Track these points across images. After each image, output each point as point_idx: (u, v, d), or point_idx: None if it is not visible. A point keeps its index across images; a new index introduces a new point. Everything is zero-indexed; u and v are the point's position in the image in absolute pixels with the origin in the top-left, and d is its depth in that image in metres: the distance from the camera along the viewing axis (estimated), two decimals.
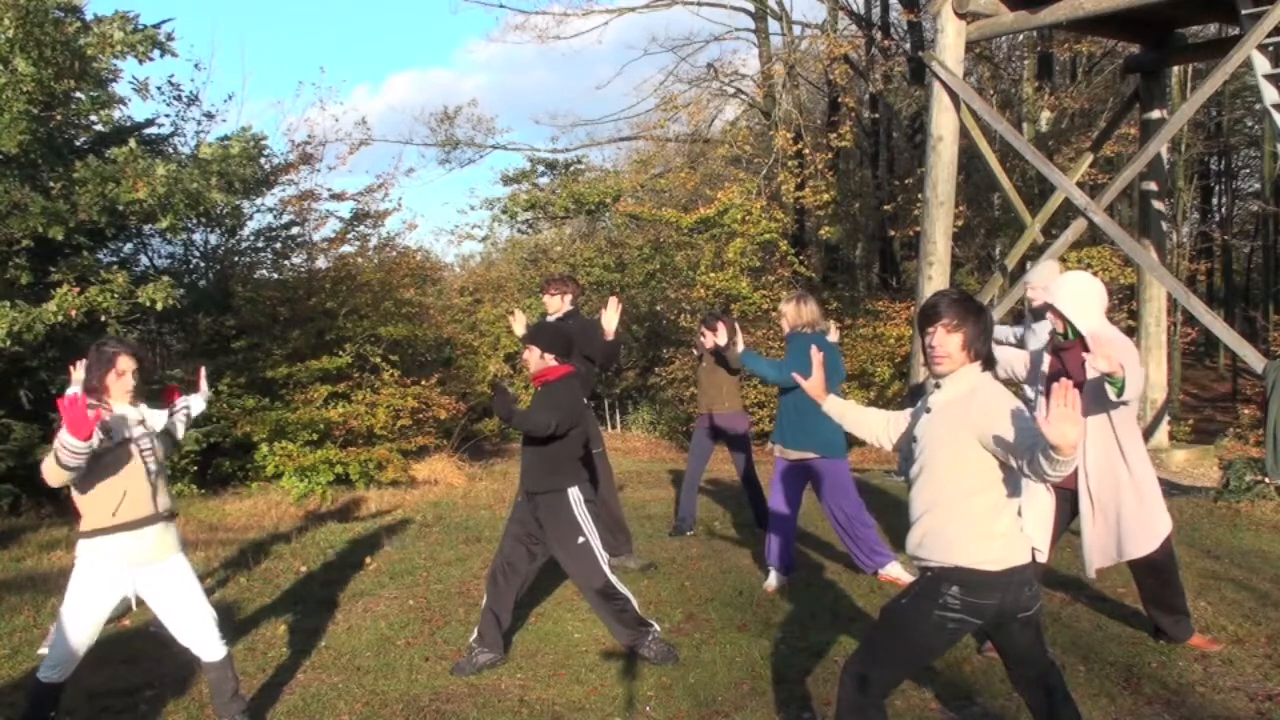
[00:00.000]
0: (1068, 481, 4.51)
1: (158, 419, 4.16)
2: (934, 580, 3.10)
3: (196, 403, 4.55)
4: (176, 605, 3.95)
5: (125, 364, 3.89)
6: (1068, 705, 3.18)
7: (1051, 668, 3.19)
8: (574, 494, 4.78)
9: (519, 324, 6.43)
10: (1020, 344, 6.11)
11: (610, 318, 5.92)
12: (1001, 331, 6.44)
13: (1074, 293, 4.46)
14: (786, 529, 5.99)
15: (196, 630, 3.97)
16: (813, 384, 3.83)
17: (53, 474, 3.64)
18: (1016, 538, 3.08)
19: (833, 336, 6.24)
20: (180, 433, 4.30)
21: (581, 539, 4.73)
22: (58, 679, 3.85)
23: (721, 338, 6.97)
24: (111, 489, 3.80)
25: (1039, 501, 4.53)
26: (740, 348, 6.22)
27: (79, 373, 4.13)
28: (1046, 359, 4.67)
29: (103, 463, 3.77)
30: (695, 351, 7.83)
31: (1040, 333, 5.67)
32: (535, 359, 4.86)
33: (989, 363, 3.15)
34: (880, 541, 6.05)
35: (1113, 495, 4.50)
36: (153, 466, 3.93)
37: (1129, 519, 4.50)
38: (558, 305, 6.40)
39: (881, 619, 3.27)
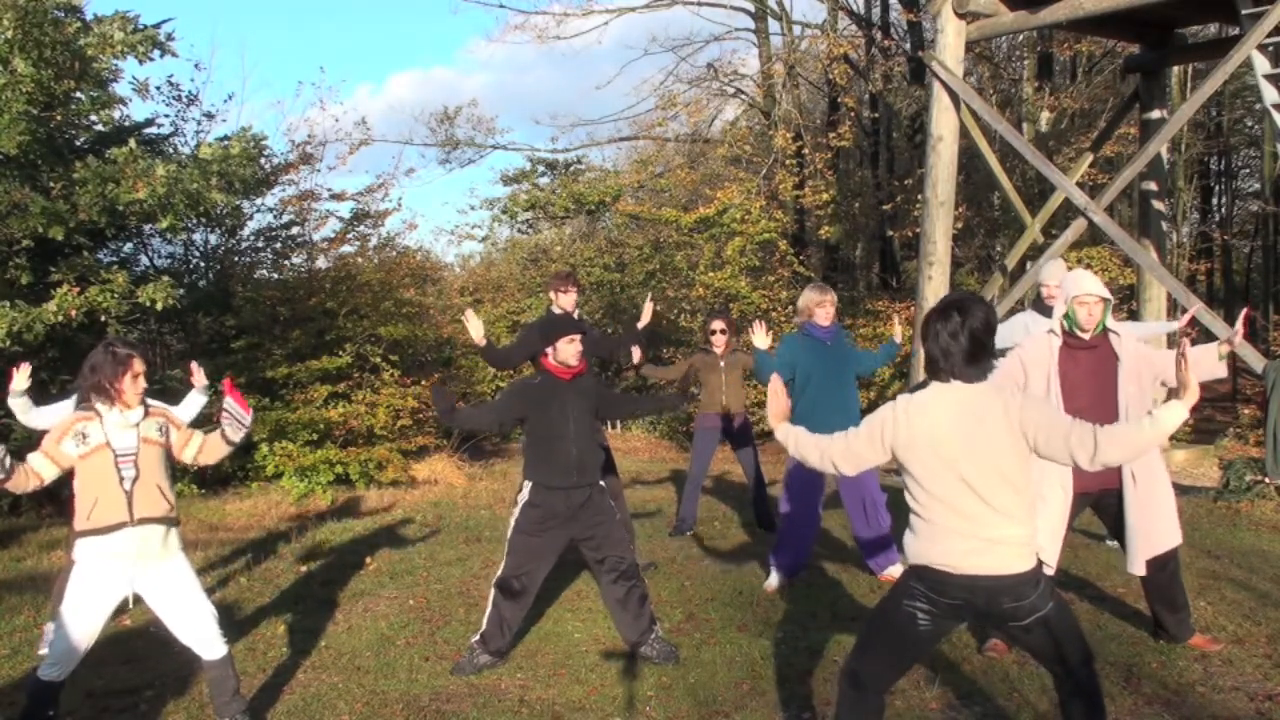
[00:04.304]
0: (1109, 481, 4.50)
1: (184, 412, 4.23)
2: (908, 573, 3.20)
3: (196, 400, 4.64)
4: (177, 605, 3.95)
5: (139, 366, 3.92)
6: (1075, 702, 3.16)
7: (1069, 674, 3.13)
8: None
9: (475, 327, 5.92)
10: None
11: (646, 314, 6.57)
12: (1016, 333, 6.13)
13: None
14: (806, 534, 5.94)
15: (197, 629, 3.97)
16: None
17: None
18: (988, 546, 3.02)
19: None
20: (236, 436, 4.15)
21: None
22: (57, 677, 3.85)
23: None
24: (86, 493, 3.82)
25: (1049, 511, 4.47)
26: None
27: (21, 380, 4.30)
28: (1052, 357, 4.53)
29: (84, 466, 3.82)
30: (712, 348, 7.82)
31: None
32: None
33: (934, 370, 3.15)
34: (893, 539, 6.03)
35: (1151, 490, 4.53)
36: (128, 474, 3.85)
37: (1165, 512, 4.55)
38: (573, 303, 6.40)
39: (870, 614, 3.29)
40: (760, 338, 5.84)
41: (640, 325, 6.55)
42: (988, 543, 3.02)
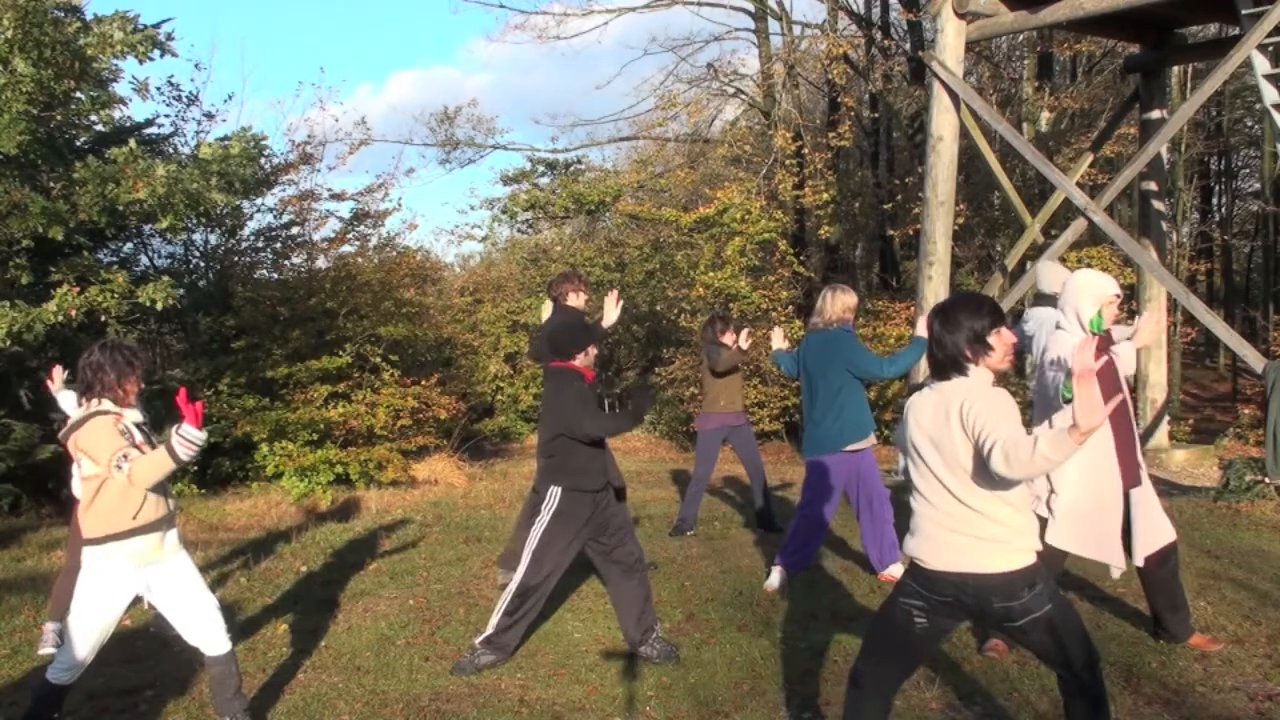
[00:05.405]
0: (1128, 478, 4.51)
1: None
2: (906, 571, 3.25)
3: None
4: (184, 600, 3.95)
5: (143, 371, 3.97)
6: (1079, 703, 3.16)
7: (1074, 676, 3.12)
8: None
9: (613, 314, 5.95)
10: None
11: (611, 313, 6.13)
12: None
13: None
14: (815, 538, 5.99)
15: (204, 623, 3.98)
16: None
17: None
18: (970, 543, 3.03)
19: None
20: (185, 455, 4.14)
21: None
22: (68, 681, 3.86)
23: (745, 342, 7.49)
24: (133, 492, 3.79)
25: (1104, 515, 4.43)
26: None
27: (59, 379, 4.22)
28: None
29: None
30: (716, 352, 7.70)
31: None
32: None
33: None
34: (895, 539, 6.02)
35: (1149, 485, 4.60)
36: None
37: (1159, 507, 4.61)
38: (584, 304, 6.35)
39: (874, 615, 3.31)
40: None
41: (605, 324, 6.21)
42: (970, 540, 3.03)
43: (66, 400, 5.15)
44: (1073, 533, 4.40)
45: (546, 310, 6.30)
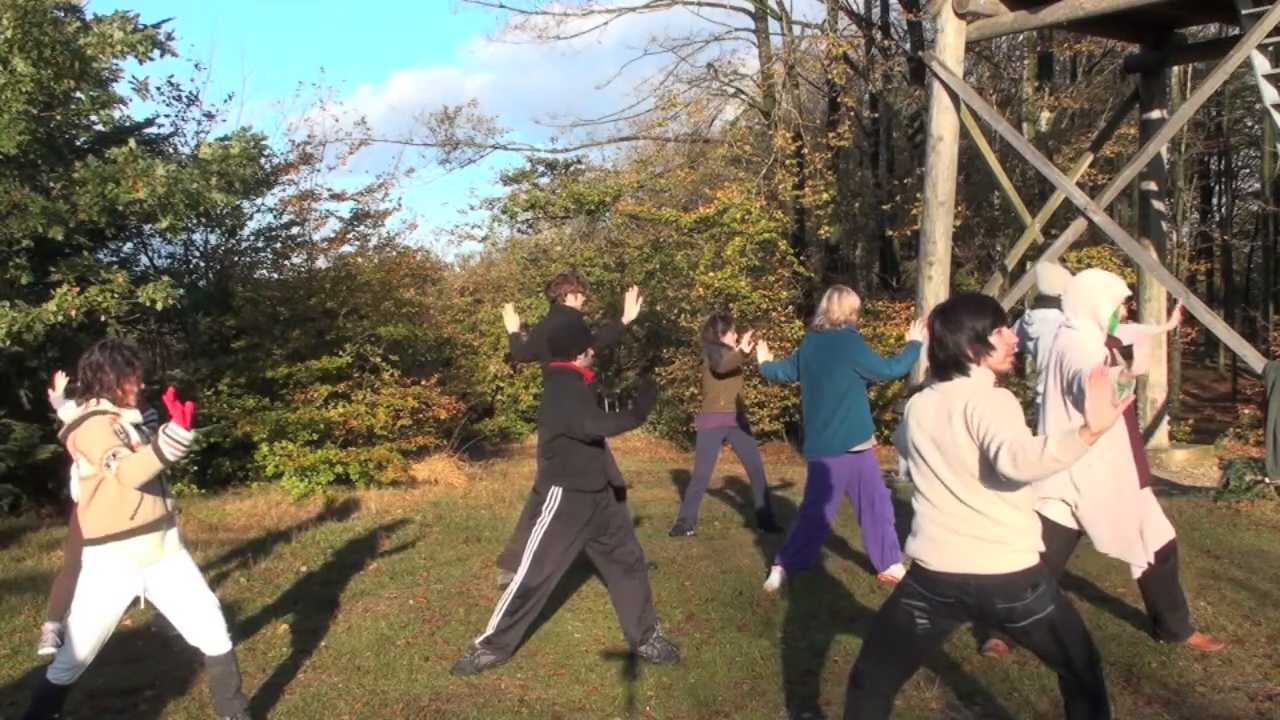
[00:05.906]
0: (1142, 478, 4.52)
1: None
2: (908, 572, 3.25)
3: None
4: (184, 600, 3.95)
5: (143, 371, 3.96)
6: (1079, 703, 3.16)
7: (1075, 677, 3.12)
8: None
9: (511, 319, 6.31)
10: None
11: (630, 309, 6.25)
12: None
13: None
14: (816, 538, 6.00)
15: (204, 623, 3.97)
16: None
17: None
18: (970, 544, 3.03)
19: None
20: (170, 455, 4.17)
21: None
22: (68, 681, 3.86)
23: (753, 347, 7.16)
24: (131, 492, 3.79)
25: (1124, 513, 4.42)
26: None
27: (60, 387, 4.18)
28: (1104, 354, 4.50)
29: None
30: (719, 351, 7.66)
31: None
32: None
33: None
34: (896, 539, 6.03)
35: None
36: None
37: (1158, 505, 4.62)
38: (582, 304, 6.36)
39: (875, 615, 3.31)
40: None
41: (625, 320, 6.31)
42: (972, 540, 3.03)
43: (66, 411, 5.14)
44: (1097, 533, 4.41)
45: (510, 318, 6.34)
